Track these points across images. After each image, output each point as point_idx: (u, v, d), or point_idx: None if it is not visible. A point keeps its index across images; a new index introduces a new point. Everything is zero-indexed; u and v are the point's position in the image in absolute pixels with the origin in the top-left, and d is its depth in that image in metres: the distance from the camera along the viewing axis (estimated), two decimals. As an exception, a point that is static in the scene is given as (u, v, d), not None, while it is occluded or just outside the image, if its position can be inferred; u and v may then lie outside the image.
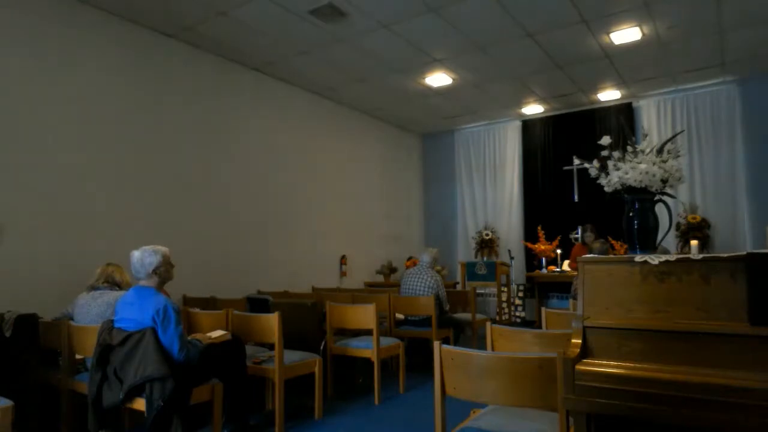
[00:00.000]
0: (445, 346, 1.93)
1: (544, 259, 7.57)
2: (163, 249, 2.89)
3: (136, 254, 2.82)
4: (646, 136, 2.32)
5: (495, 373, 1.80)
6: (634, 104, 7.48)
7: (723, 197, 6.82)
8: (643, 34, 5.34)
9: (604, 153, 2.17)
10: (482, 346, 2.47)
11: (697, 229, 6.69)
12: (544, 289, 7.69)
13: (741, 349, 1.59)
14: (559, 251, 7.50)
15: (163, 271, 2.85)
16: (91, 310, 3.10)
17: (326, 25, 5.03)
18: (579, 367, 1.71)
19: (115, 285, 3.27)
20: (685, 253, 2.82)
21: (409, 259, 8.17)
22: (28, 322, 3.25)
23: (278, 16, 4.82)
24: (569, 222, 7.68)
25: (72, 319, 3.19)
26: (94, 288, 3.23)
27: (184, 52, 5.36)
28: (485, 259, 8.15)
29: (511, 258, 7.55)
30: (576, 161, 7.55)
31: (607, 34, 5.33)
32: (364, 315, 4.04)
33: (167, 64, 5.19)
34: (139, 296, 2.76)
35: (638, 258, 1.87)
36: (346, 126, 7.71)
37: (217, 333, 3.15)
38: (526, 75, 6.54)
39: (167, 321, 2.64)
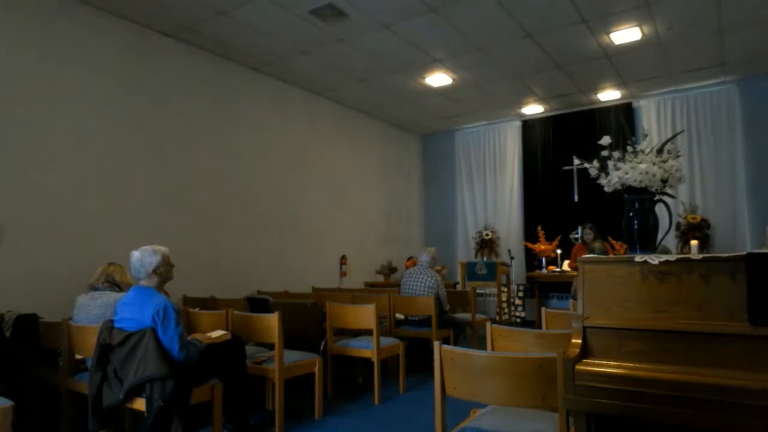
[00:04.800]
0: (445, 346, 1.93)
1: (544, 259, 7.57)
2: (163, 249, 2.89)
3: (135, 254, 2.82)
4: (646, 136, 2.31)
5: (495, 373, 1.80)
6: (634, 104, 7.48)
7: (723, 197, 6.82)
8: (643, 34, 5.34)
9: (604, 153, 2.17)
10: (482, 346, 2.47)
11: (697, 229, 6.69)
12: (544, 289, 7.68)
13: (741, 349, 1.59)
14: (559, 251, 7.50)
15: (163, 271, 2.85)
16: (90, 311, 3.10)
17: (326, 25, 5.03)
18: (579, 367, 1.71)
19: (115, 285, 3.26)
20: (685, 253, 2.82)
21: (409, 259, 8.17)
22: (28, 322, 3.26)
23: (278, 16, 4.83)
24: (569, 222, 7.67)
25: (72, 319, 3.19)
26: (94, 288, 3.22)
27: (184, 52, 5.36)
28: (485, 259, 8.15)
29: (511, 258, 7.54)
30: (576, 161, 7.55)
31: (607, 34, 5.33)
32: (364, 315, 4.03)
33: (167, 64, 5.19)
34: (139, 296, 2.76)
35: (638, 258, 1.87)
36: (346, 126, 7.70)
37: (217, 333, 3.15)
38: (526, 75, 6.54)
39: (167, 321, 2.64)
